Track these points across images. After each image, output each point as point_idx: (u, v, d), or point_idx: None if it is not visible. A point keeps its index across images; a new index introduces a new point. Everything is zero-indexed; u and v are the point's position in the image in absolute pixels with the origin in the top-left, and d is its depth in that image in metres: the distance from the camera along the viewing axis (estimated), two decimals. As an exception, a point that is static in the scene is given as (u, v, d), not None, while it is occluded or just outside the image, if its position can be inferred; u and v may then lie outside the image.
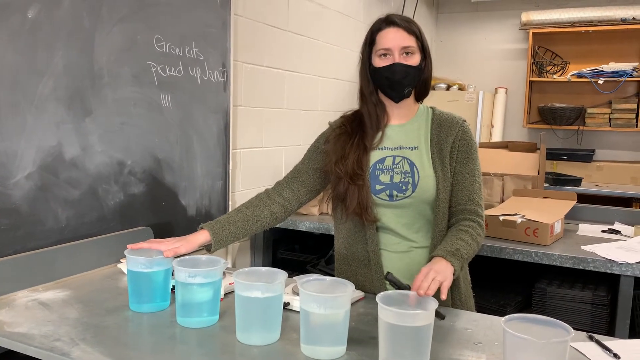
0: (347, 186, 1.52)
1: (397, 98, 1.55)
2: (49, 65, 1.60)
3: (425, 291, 1.19)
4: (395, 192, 1.53)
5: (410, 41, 1.50)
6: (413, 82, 1.53)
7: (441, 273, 1.29)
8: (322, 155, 1.62)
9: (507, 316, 1.05)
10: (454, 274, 1.35)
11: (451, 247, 1.41)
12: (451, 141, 1.55)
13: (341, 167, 1.53)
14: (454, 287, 1.56)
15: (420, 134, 1.58)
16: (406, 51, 1.50)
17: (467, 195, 1.54)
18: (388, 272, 1.35)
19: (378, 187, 1.54)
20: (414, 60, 1.51)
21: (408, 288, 1.28)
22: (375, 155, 1.57)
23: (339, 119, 1.66)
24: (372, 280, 1.57)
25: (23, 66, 1.53)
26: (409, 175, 1.53)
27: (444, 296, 1.25)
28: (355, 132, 1.58)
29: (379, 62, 1.53)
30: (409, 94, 1.55)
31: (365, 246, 1.58)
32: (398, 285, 1.32)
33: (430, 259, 1.40)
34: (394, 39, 1.50)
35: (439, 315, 1.31)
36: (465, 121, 1.59)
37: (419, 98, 1.62)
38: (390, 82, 1.52)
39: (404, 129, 1.59)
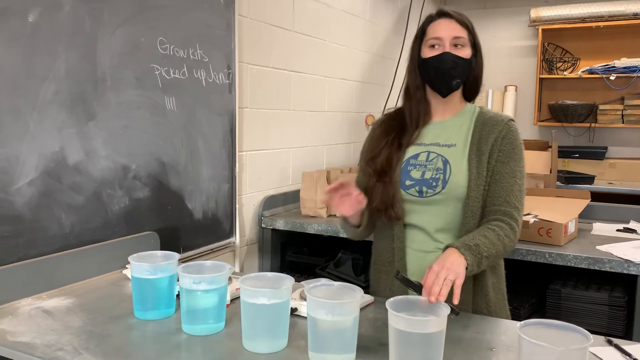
0: (374, 183, 1.50)
1: (445, 90, 1.50)
2: (51, 70, 1.58)
3: (437, 297, 1.14)
4: (425, 189, 1.48)
5: (461, 32, 1.48)
6: (462, 74, 1.49)
7: (452, 270, 1.23)
8: None
9: (522, 321, 1.01)
10: (467, 269, 1.28)
11: (470, 241, 1.34)
12: (493, 139, 1.49)
13: (371, 164, 1.52)
14: (481, 293, 1.49)
15: (462, 131, 1.53)
16: (457, 42, 1.47)
17: (504, 196, 1.46)
18: (398, 271, 1.30)
19: (408, 182, 1.50)
20: (464, 52, 1.48)
21: (419, 286, 1.23)
22: (410, 151, 1.54)
23: (382, 116, 1.65)
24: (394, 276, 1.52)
25: (24, 70, 1.51)
26: (441, 171, 1.48)
27: (456, 300, 1.20)
28: (392, 129, 1.56)
29: (427, 53, 1.50)
30: (457, 86, 1.50)
31: (391, 242, 1.54)
32: (409, 285, 1.27)
33: (445, 249, 1.34)
34: (445, 29, 1.48)
35: (452, 311, 1.20)
36: (512, 120, 1.53)
37: (469, 97, 1.58)
38: (438, 72, 1.48)
39: (444, 125, 1.55)
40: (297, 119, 2.91)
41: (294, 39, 2.84)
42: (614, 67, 4.27)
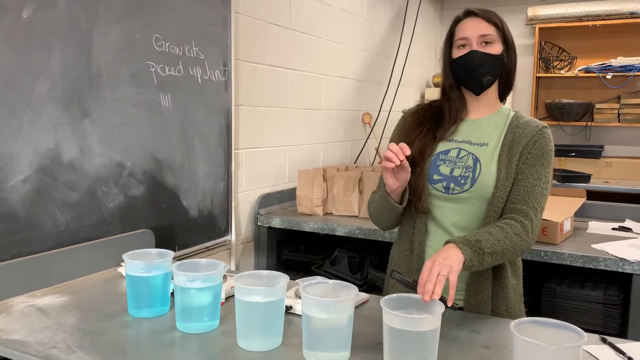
0: None
1: (477, 88, 1.51)
2: (45, 66, 1.57)
3: (430, 296, 1.13)
4: (452, 185, 1.48)
5: (489, 30, 1.48)
6: (493, 71, 1.49)
7: (445, 264, 1.20)
8: None
9: (517, 320, 1.01)
10: (464, 264, 1.25)
11: (472, 237, 1.32)
12: (525, 142, 1.48)
13: None
14: (501, 294, 1.48)
15: (495, 131, 1.53)
16: (485, 40, 1.48)
17: (523, 194, 1.44)
18: (394, 270, 1.30)
19: (436, 177, 1.50)
20: (493, 49, 1.48)
21: (415, 285, 1.21)
22: (440, 146, 1.54)
23: (414, 106, 1.65)
24: (410, 272, 1.52)
25: (18, 67, 1.50)
26: (471, 170, 1.48)
27: (449, 302, 1.18)
28: (427, 120, 1.56)
29: (456, 53, 1.51)
30: (488, 83, 1.50)
31: (411, 235, 1.55)
32: (405, 284, 1.26)
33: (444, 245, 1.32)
34: (470, 28, 1.48)
35: (451, 306, 1.20)
36: (546, 127, 1.52)
37: (503, 94, 1.58)
38: (466, 71, 1.49)
39: (478, 124, 1.55)
40: (293, 117, 2.91)
41: (291, 36, 2.84)
42: (611, 66, 4.28)
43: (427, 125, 1.56)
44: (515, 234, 1.38)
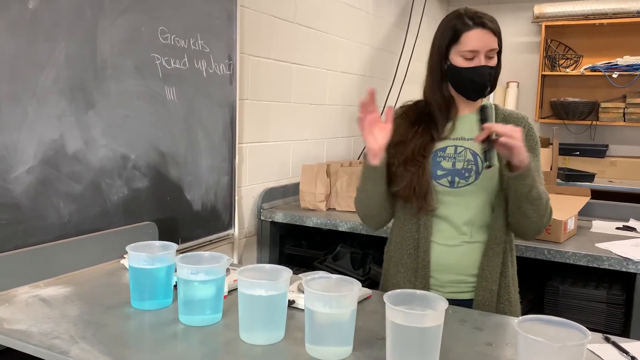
0: (396, 168, 1.50)
1: (476, 97, 1.53)
2: (50, 57, 1.57)
3: (490, 129, 1.33)
4: (457, 179, 1.49)
5: (495, 43, 1.49)
6: (494, 81, 1.52)
7: (522, 148, 1.34)
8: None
9: (520, 317, 1.01)
10: (529, 167, 1.37)
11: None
12: None
13: (398, 149, 1.51)
14: (505, 288, 1.51)
15: None
16: (491, 54, 1.48)
17: None
18: (483, 106, 1.40)
19: (439, 172, 1.51)
20: (495, 61, 1.50)
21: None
22: (437, 144, 1.54)
23: (399, 108, 1.65)
24: (416, 270, 1.52)
25: (23, 58, 1.50)
26: (472, 163, 1.50)
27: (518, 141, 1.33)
28: (418, 121, 1.56)
29: (461, 63, 1.48)
30: (488, 93, 1.53)
31: (415, 234, 1.54)
32: (483, 121, 1.40)
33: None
34: (482, 41, 1.46)
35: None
36: (527, 116, 1.58)
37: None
38: (474, 85, 1.48)
39: (466, 119, 1.56)
40: (297, 112, 2.90)
41: (296, 30, 2.83)
42: (617, 65, 4.26)
43: (422, 125, 1.55)
44: (547, 203, 1.47)
